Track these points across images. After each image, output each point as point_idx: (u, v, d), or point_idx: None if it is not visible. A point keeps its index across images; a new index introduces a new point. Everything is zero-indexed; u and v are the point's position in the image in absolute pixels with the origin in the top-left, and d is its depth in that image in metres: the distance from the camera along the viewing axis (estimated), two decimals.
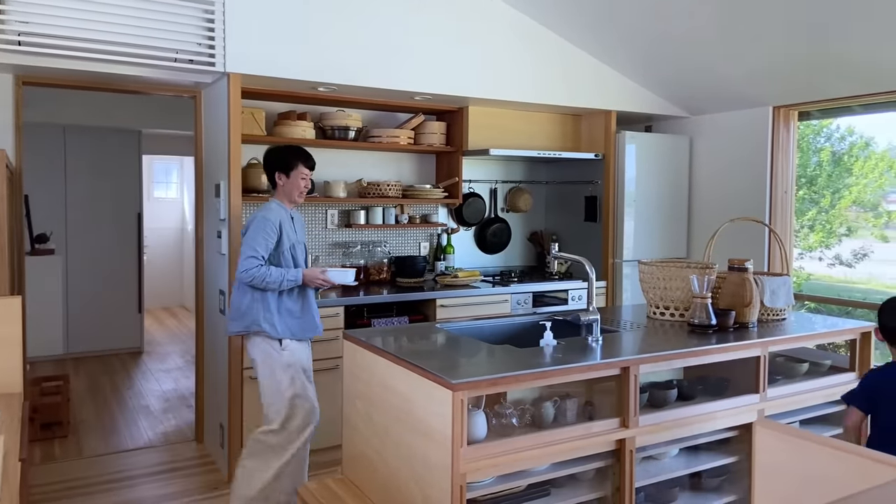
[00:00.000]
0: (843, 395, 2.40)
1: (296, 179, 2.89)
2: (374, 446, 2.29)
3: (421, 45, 3.72)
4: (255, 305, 2.80)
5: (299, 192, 2.91)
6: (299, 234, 2.98)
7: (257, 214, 2.82)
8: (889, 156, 6.16)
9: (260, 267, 2.73)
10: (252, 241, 2.75)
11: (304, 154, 2.91)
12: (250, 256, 2.73)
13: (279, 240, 2.82)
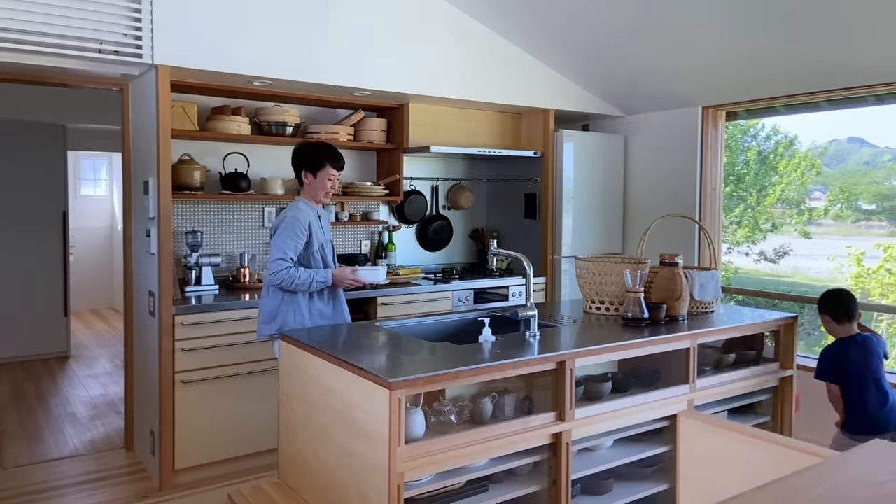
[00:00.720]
0: (815, 376, 2.93)
1: (322, 180, 2.84)
2: (311, 448, 2.25)
3: (360, 41, 3.67)
4: (286, 308, 2.76)
5: (325, 192, 2.87)
6: (326, 231, 2.95)
7: (287, 214, 2.77)
8: (811, 155, 6.50)
9: (289, 269, 2.69)
10: (281, 242, 2.71)
11: (334, 154, 2.86)
12: (278, 259, 2.70)
13: (309, 240, 2.78)
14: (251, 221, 4.01)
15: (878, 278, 5.44)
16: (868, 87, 3.58)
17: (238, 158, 3.86)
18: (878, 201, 6.28)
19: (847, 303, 2.91)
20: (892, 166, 6.29)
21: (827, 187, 6.55)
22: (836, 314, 2.91)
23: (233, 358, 3.32)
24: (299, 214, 2.77)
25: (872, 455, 0.86)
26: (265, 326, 2.81)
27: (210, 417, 3.30)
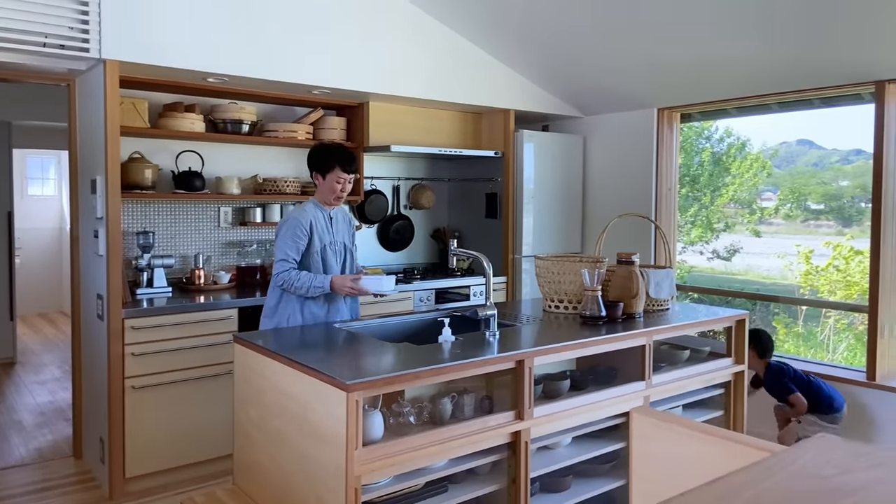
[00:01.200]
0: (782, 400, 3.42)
1: (331, 182, 2.78)
2: (267, 453, 2.20)
3: (319, 38, 3.62)
4: (283, 307, 2.76)
5: (335, 195, 2.80)
6: (338, 234, 2.88)
7: (290, 215, 2.77)
8: (762, 156, 6.69)
9: (290, 271, 2.69)
10: (282, 243, 2.71)
11: (344, 156, 2.80)
12: (281, 260, 2.71)
13: (310, 241, 2.74)
14: (206, 222, 3.92)
15: (827, 276, 5.63)
16: (815, 91, 3.70)
17: (192, 157, 3.77)
18: (825, 201, 6.50)
19: (768, 340, 3.52)
20: (839, 167, 6.52)
21: (777, 188, 6.76)
22: (761, 351, 3.46)
23: (186, 362, 3.24)
24: (301, 215, 2.75)
25: (818, 449, 0.87)
26: (265, 321, 2.83)
27: (162, 423, 3.20)
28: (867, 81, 3.45)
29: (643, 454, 1.12)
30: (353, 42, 3.75)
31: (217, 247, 3.95)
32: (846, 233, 5.77)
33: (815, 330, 5.74)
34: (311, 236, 2.75)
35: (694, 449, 1.04)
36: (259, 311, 3.46)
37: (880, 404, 3.47)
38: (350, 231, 2.97)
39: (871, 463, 0.83)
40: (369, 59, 3.82)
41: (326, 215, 2.84)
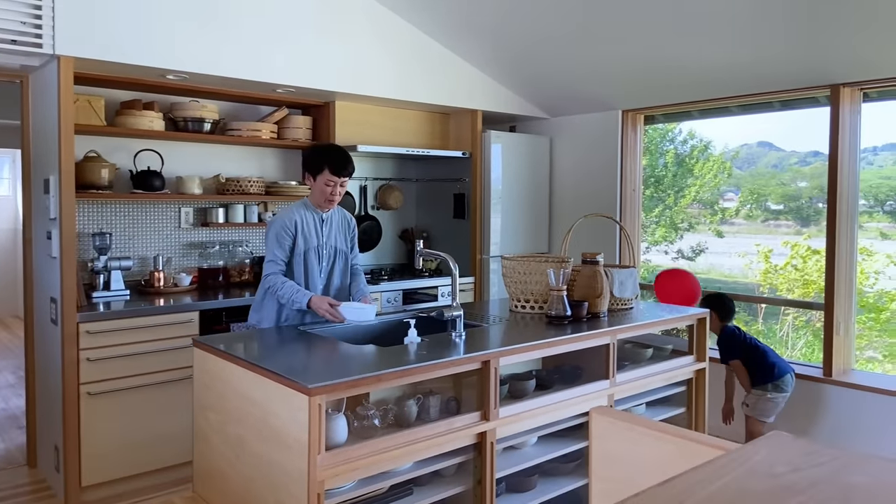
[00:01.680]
0: (724, 361, 3.53)
1: (321, 185, 2.69)
2: (227, 459, 2.15)
3: (284, 35, 3.57)
4: (267, 303, 2.75)
5: (325, 198, 2.71)
6: (330, 238, 2.80)
7: (276, 215, 2.76)
8: (724, 158, 6.83)
9: (276, 276, 2.67)
10: (269, 244, 2.70)
11: (336, 158, 2.68)
12: (269, 261, 2.69)
13: (294, 243, 2.70)
14: (166, 222, 3.83)
15: (785, 274, 5.77)
16: (773, 94, 3.78)
17: (151, 156, 3.68)
18: (784, 202, 6.67)
19: (731, 305, 3.61)
20: (798, 169, 6.70)
21: (738, 189, 6.91)
22: (723, 314, 3.54)
23: (145, 367, 3.16)
24: (287, 215, 2.70)
25: (770, 447, 0.88)
26: (251, 314, 2.83)
27: (119, 430, 3.12)
28: (823, 85, 3.54)
29: (602, 454, 1.12)
30: (319, 40, 3.71)
31: (177, 248, 3.86)
32: (804, 232, 5.93)
33: (775, 327, 5.88)
34: (295, 237, 2.70)
35: (651, 448, 1.05)
36: (221, 314, 3.41)
37: (836, 399, 3.57)
38: (348, 235, 2.89)
39: (821, 461, 0.85)
40: (335, 58, 3.78)
41: (318, 217, 2.77)
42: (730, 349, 3.50)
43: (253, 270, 4.02)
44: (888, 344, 5.49)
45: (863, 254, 5.22)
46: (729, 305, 3.59)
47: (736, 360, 3.47)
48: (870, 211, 6.23)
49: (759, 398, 3.43)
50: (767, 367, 3.43)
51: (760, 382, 3.44)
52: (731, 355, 3.49)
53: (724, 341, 3.53)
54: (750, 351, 3.48)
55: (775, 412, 3.43)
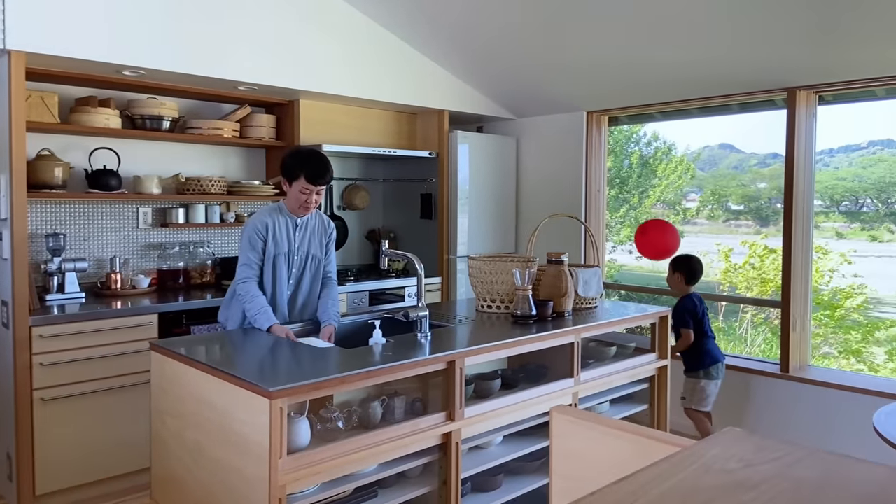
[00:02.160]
0: (676, 326, 3.47)
1: (295, 191, 2.61)
2: (185, 465, 2.11)
3: (246, 31, 3.51)
4: (235, 304, 2.70)
5: (299, 205, 2.63)
6: (304, 243, 2.73)
7: (250, 217, 2.68)
8: (687, 159, 6.97)
9: (248, 284, 2.60)
10: (243, 247, 2.64)
11: (314, 166, 2.58)
12: (243, 265, 2.63)
13: (265, 246, 2.64)
14: (123, 223, 3.73)
15: (744, 273, 5.91)
16: (733, 97, 3.86)
17: (107, 154, 3.58)
18: (744, 202, 6.83)
19: (699, 269, 3.61)
20: (757, 170, 6.87)
21: (701, 189, 7.06)
22: (689, 276, 3.57)
23: (101, 372, 3.07)
24: (259, 217, 2.64)
25: (724, 443, 0.90)
26: (221, 310, 2.81)
27: (75, 437, 3.03)
28: (780, 88, 3.63)
29: (562, 452, 1.12)
30: (283, 37, 3.66)
31: (135, 249, 3.77)
32: (763, 232, 6.08)
33: (735, 324, 6.02)
34: (265, 241, 2.64)
35: (610, 446, 1.05)
36: (181, 317, 3.34)
37: (792, 395, 3.66)
38: (324, 241, 2.82)
39: (773, 456, 0.86)
40: (299, 56, 3.74)
41: (292, 222, 2.70)
42: (683, 317, 3.48)
43: (214, 272, 3.95)
44: (843, 340, 5.66)
45: (818, 252, 5.38)
46: (696, 268, 3.57)
47: (688, 329, 3.47)
48: (826, 211, 6.42)
49: (694, 387, 3.47)
50: (703, 352, 3.46)
51: (692, 368, 3.48)
52: (684, 323, 3.48)
53: (683, 308, 3.51)
54: (697, 329, 3.49)
55: (711, 400, 3.47)
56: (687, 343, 3.47)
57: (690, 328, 3.47)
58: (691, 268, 3.57)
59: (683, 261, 3.62)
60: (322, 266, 2.82)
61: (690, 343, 3.47)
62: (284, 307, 2.75)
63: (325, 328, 2.66)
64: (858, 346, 5.56)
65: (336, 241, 4.60)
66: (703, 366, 3.47)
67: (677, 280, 3.58)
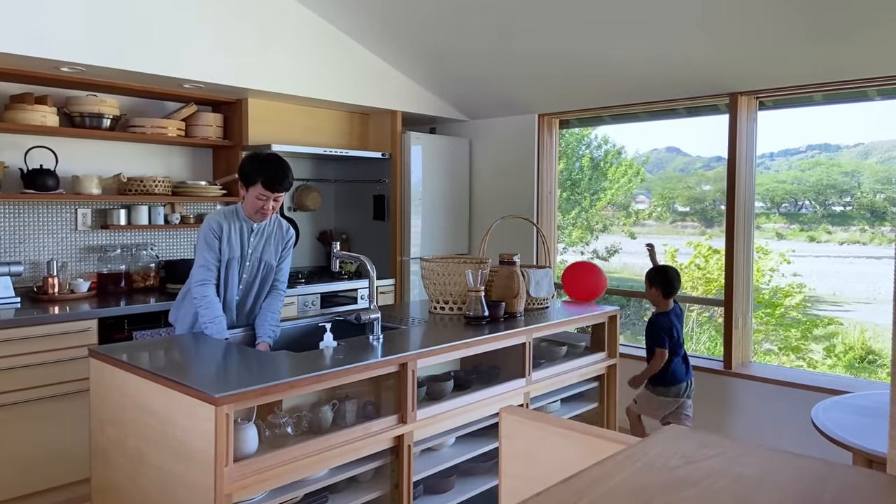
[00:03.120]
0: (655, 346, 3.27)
1: (252, 197, 2.53)
2: (127, 475, 2.03)
3: (191, 28, 3.41)
4: (187, 304, 2.65)
5: (255, 210, 2.55)
6: (258, 249, 2.64)
7: (206, 217, 2.60)
8: (636, 163, 7.14)
9: (205, 288, 2.52)
10: (199, 247, 2.56)
11: (272, 172, 2.50)
12: (199, 265, 2.55)
13: (220, 247, 2.57)
14: (61, 225, 3.58)
15: (689, 273, 6.08)
16: (678, 101, 3.97)
17: (44, 153, 3.42)
18: (691, 204, 7.03)
19: (677, 282, 3.36)
20: (703, 173, 7.09)
21: (649, 192, 7.23)
22: (666, 290, 3.32)
23: (38, 380, 2.93)
24: (214, 219, 2.57)
25: (667, 441, 0.91)
26: (172, 310, 2.76)
27: (10, 448, 2.88)
28: (722, 94, 3.75)
29: (511, 452, 1.12)
30: (231, 34, 3.58)
31: (74, 252, 3.62)
32: (708, 233, 6.26)
33: None
34: (221, 241, 2.56)
35: (557, 445, 1.06)
36: (123, 322, 3.22)
37: (735, 391, 3.78)
38: (280, 247, 2.72)
39: (714, 452, 0.88)
40: (248, 54, 3.66)
41: (247, 227, 2.63)
42: (658, 336, 3.27)
43: (159, 275, 3.82)
44: (783, 337, 5.88)
45: (759, 253, 5.58)
46: (674, 280, 3.34)
47: (663, 349, 3.25)
48: (766, 213, 6.67)
49: (649, 398, 3.33)
50: (667, 371, 3.29)
51: (652, 381, 3.32)
52: (659, 342, 3.26)
53: (659, 327, 3.29)
54: (677, 348, 3.31)
55: (660, 414, 3.32)
56: (660, 364, 3.26)
57: (666, 347, 3.26)
58: (668, 280, 3.33)
59: (659, 273, 3.37)
60: (271, 271, 2.75)
61: (663, 363, 3.26)
62: (233, 312, 2.69)
63: (260, 344, 2.57)
64: (798, 343, 5.79)
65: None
66: (664, 383, 3.28)
67: (655, 294, 3.33)
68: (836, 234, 6.22)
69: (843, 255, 6.09)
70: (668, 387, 3.29)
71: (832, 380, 3.70)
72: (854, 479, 0.81)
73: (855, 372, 5.46)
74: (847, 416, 2.43)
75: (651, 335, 3.31)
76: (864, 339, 5.69)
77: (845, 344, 5.72)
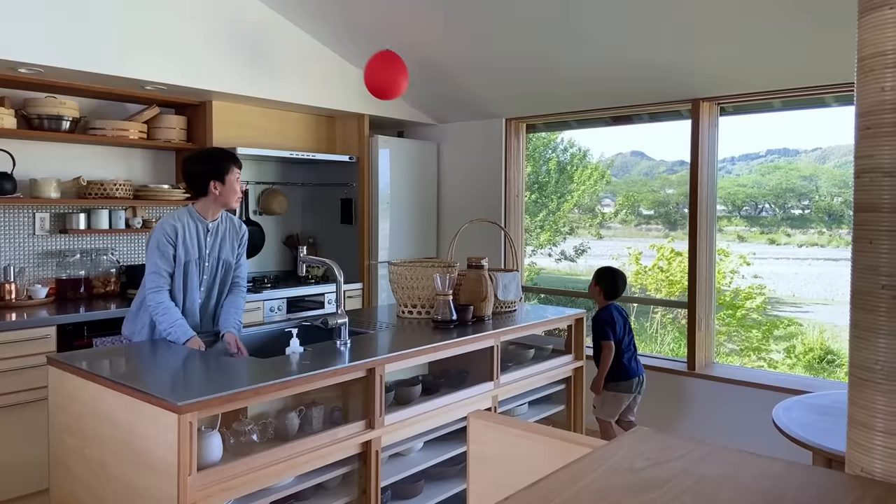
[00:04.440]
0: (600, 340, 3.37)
1: (232, 183, 2.62)
2: (88, 486, 1.97)
3: (153, 29, 3.34)
4: (143, 315, 2.59)
5: (237, 196, 2.65)
6: (215, 249, 2.63)
7: (158, 223, 2.57)
8: (602, 166, 7.23)
9: (159, 295, 2.49)
10: (150, 254, 2.52)
11: (232, 154, 2.68)
12: (151, 272, 2.51)
13: (175, 252, 2.53)
14: (18, 229, 3.46)
15: (653, 275, 6.19)
16: (642, 106, 4.04)
17: (0, 156, 3.31)
18: (655, 207, 7.16)
19: (622, 284, 3.51)
20: (666, 177, 7.22)
21: (615, 195, 7.34)
22: (609, 292, 3.47)
23: None
24: (167, 223, 2.53)
25: (632, 443, 0.92)
26: (126, 324, 2.67)
27: None
28: (685, 99, 3.83)
29: (479, 456, 1.12)
30: (193, 36, 3.51)
31: (32, 257, 3.51)
32: (671, 236, 6.38)
33: (646, 324, 6.29)
34: (175, 246, 2.53)
35: (525, 448, 1.06)
36: (83, 328, 3.14)
37: (699, 391, 3.86)
38: (235, 245, 2.73)
39: (679, 454, 0.89)
40: (212, 56, 3.60)
41: (203, 227, 2.60)
42: (602, 329, 3.36)
43: (119, 281, 3.73)
44: (744, 338, 6.03)
45: (721, 255, 5.71)
46: (618, 283, 3.45)
47: (609, 342, 3.34)
48: (728, 216, 6.83)
49: (603, 398, 3.38)
50: (617, 366, 3.36)
51: (619, 378, 3.37)
52: (603, 335, 3.36)
53: (601, 320, 3.39)
54: (622, 342, 3.40)
55: (618, 412, 3.40)
56: (609, 357, 3.32)
57: (611, 340, 3.34)
58: (613, 282, 3.45)
59: (606, 274, 3.49)
60: (230, 269, 2.73)
61: (612, 356, 3.33)
62: (196, 315, 2.64)
63: (227, 336, 2.56)
64: (759, 343, 5.94)
65: (253, 246, 4.51)
66: (615, 378, 3.36)
67: (597, 293, 3.46)
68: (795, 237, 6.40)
69: (802, 258, 6.27)
70: (619, 381, 3.39)
71: (792, 380, 3.80)
72: (814, 478, 0.83)
73: (814, 372, 5.63)
74: (807, 415, 2.50)
75: (595, 330, 3.43)
76: (822, 340, 5.87)
77: (804, 344, 5.89)
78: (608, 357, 3.34)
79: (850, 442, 0.86)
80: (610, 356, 3.34)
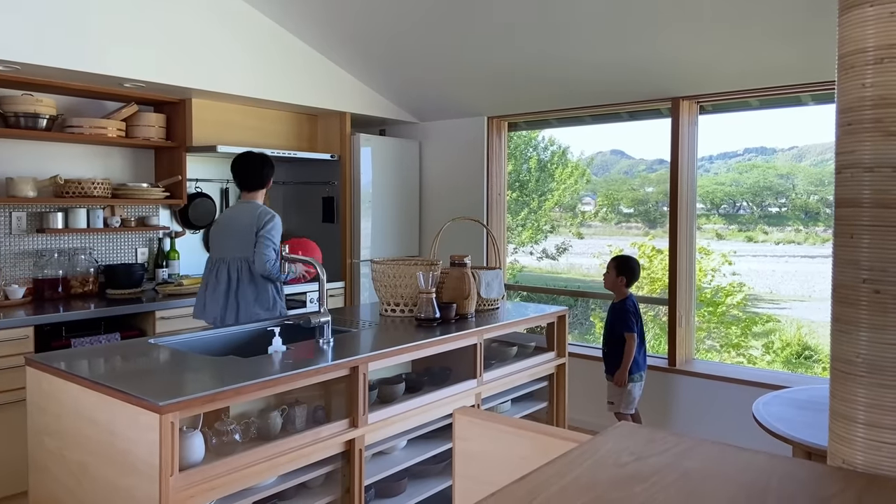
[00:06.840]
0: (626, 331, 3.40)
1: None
2: (68, 488, 1.94)
3: (131, 25, 3.29)
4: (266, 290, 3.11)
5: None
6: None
7: (274, 216, 3.12)
8: (582, 165, 7.28)
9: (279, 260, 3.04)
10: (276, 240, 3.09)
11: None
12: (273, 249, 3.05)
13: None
14: None
15: None
16: (622, 105, 4.07)
17: None
18: (634, 206, 7.22)
19: (638, 273, 3.59)
20: (646, 175, 7.28)
21: (595, 193, 7.39)
22: (630, 280, 3.51)
23: None
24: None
25: (617, 438, 0.93)
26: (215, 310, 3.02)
27: None
28: (664, 98, 3.86)
29: (465, 453, 1.12)
30: (173, 32, 3.47)
31: (8, 257, 3.44)
32: (651, 234, 6.44)
33: None
34: None
35: (510, 445, 1.07)
36: (61, 329, 3.08)
37: (680, 387, 3.90)
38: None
39: (662, 448, 0.90)
40: (191, 53, 3.56)
41: None
42: (628, 320, 3.38)
43: (97, 280, 3.68)
44: (724, 335, 6.10)
45: (701, 253, 5.78)
46: (637, 271, 3.52)
47: (633, 333, 3.36)
48: (707, 214, 6.91)
49: (621, 391, 3.41)
50: (639, 356, 3.42)
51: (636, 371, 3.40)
52: (629, 327, 3.37)
53: (625, 311, 3.41)
54: (641, 332, 3.43)
55: (635, 403, 3.47)
56: (633, 347, 3.32)
57: (635, 332, 3.35)
58: (633, 270, 3.49)
59: (626, 263, 3.50)
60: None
61: (633, 350, 3.33)
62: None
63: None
64: (738, 340, 6.02)
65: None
66: (635, 369, 3.38)
67: (620, 283, 3.47)
68: (773, 235, 6.50)
69: (779, 255, 6.37)
70: (640, 372, 3.44)
71: (771, 375, 3.86)
72: (797, 470, 0.84)
73: (792, 367, 5.72)
74: (786, 410, 2.54)
75: (620, 320, 3.42)
76: (800, 336, 5.96)
77: (783, 340, 5.98)
78: (633, 348, 3.36)
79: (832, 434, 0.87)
80: (634, 347, 3.36)
